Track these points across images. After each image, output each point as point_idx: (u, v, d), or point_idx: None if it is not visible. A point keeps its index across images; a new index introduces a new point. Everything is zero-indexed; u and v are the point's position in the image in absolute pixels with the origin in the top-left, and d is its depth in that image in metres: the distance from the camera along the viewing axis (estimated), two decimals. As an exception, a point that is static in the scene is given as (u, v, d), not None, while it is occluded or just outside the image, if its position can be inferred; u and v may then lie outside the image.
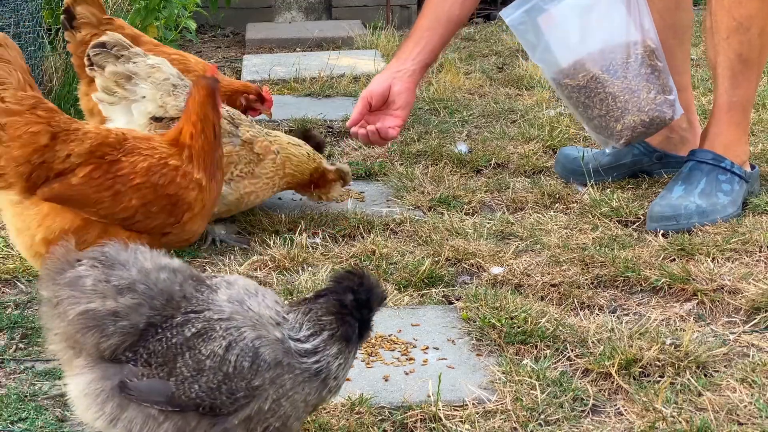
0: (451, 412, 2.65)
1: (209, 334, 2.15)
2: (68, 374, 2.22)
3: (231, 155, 3.61)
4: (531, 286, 3.36)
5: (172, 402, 2.14)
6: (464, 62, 6.51)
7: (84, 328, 2.14)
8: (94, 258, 2.21)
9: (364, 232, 3.82)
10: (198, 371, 2.14)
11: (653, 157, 4.25)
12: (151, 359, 2.15)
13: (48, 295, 2.20)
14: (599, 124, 3.92)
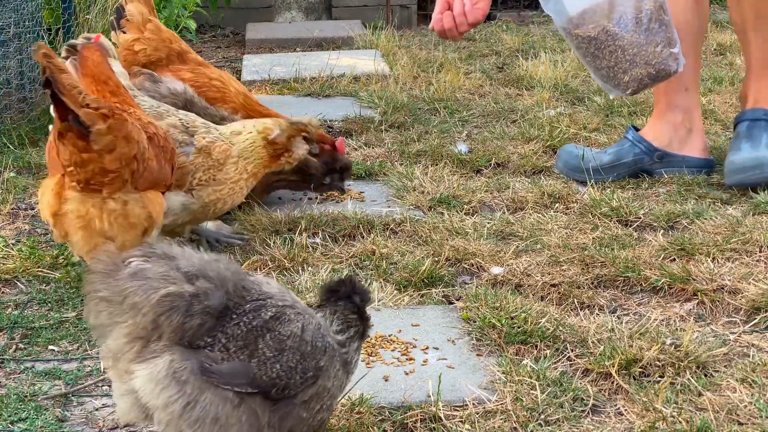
0: (451, 412, 2.65)
1: (284, 318, 2.30)
2: (138, 361, 2.21)
3: (186, 165, 3.51)
4: (531, 286, 3.36)
5: (254, 383, 2.23)
6: (464, 62, 6.51)
7: (169, 309, 2.19)
8: (144, 254, 2.27)
9: (364, 232, 3.82)
10: (279, 351, 2.26)
11: (654, 156, 4.31)
12: (229, 343, 2.23)
13: (109, 293, 2.22)
14: (607, 74, 3.95)
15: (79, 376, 2.90)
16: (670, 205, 3.99)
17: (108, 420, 2.69)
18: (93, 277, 2.26)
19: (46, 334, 3.14)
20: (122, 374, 2.24)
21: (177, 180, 3.46)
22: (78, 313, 3.27)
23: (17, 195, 4.19)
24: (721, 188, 4.18)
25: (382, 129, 5.04)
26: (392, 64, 6.37)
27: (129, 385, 2.22)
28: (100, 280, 2.24)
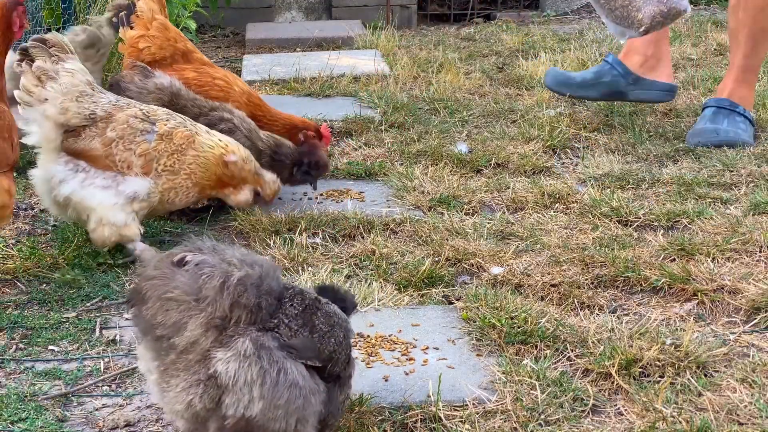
0: (451, 412, 2.65)
1: (321, 300, 2.44)
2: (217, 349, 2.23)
3: (148, 152, 3.52)
4: (531, 286, 3.36)
5: (319, 357, 2.34)
6: (464, 62, 6.51)
7: (245, 291, 2.26)
8: (194, 249, 2.33)
9: (364, 232, 3.82)
10: (331, 326, 2.38)
11: (629, 79, 4.91)
12: (291, 323, 2.33)
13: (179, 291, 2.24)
14: (621, 14, 4.33)
15: (79, 376, 2.90)
16: (670, 205, 3.99)
17: (108, 420, 2.69)
18: (152, 282, 2.28)
19: (46, 334, 3.14)
20: (190, 366, 2.26)
21: (143, 167, 3.52)
22: (78, 313, 3.27)
23: (17, 195, 4.18)
24: (721, 187, 4.18)
25: (382, 129, 5.04)
26: (392, 64, 6.37)
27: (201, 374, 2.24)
28: (162, 283, 2.26)
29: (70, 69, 3.50)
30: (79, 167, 3.52)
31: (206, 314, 2.23)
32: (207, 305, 2.23)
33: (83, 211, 3.52)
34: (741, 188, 4.17)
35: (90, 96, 3.53)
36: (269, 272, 2.34)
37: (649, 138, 4.80)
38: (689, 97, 5.43)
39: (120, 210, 3.51)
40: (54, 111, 3.47)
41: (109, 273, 3.55)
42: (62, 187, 3.51)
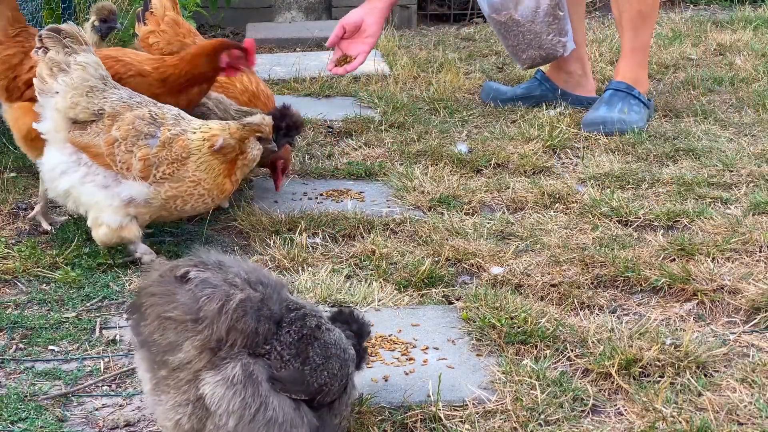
0: (451, 412, 2.65)
1: (324, 326, 2.38)
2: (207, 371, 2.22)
3: (148, 157, 3.46)
4: (531, 286, 3.36)
5: (307, 390, 2.30)
6: (464, 62, 6.50)
7: (245, 315, 2.22)
8: (197, 264, 2.29)
9: (364, 232, 3.82)
10: (326, 358, 2.33)
11: (556, 94, 5.42)
12: (284, 351, 2.28)
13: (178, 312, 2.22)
14: (512, 51, 5.39)
15: (79, 376, 2.90)
16: (670, 205, 3.99)
17: (108, 420, 2.69)
18: (153, 299, 2.26)
19: (46, 334, 3.14)
20: (181, 384, 2.24)
21: (141, 171, 3.46)
22: (78, 313, 3.27)
23: (17, 195, 4.19)
24: (721, 187, 4.19)
25: (382, 129, 5.04)
26: (392, 64, 6.37)
27: (189, 394, 2.23)
28: (163, 301, 2.24)
29: (82, 62, 3.48)
30: (81, 161, 3.50)
31: (202, 336, 2.21)
32: (204, 327, 2.20)
33: (81, 206, 3.54)
34: (741, 188, 4.17)
35: (101, 91, 3.50)
36: (272, 294, 2.30)
37: (649, 138, 4.80)
38: (689, 97, 5.43)
39: (115, 212, 3.49)
40: (64, 104, 3.47)
41: (109, 273, 3.55)
42: (63, 178, 3.51)
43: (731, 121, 5.03)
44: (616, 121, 4.89)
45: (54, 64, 3.47)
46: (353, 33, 4.84)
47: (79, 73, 3.47)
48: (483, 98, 5.53)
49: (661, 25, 6.98)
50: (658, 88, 5.62)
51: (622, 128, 4.88)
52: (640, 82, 5.09)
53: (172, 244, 3.78)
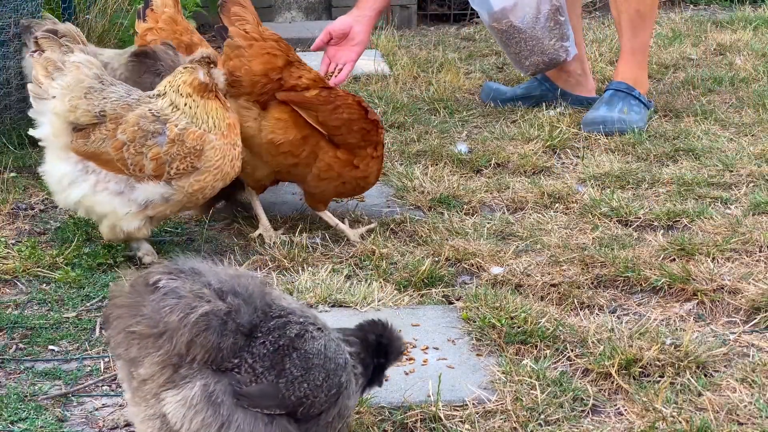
0: (451, 412, 2.65)
1: (308, 335, 2.27)
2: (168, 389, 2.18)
3: (160, 156, 3.42)
4: (531, 286, 3.36)
5: (282, 404, 2.21)
6: (464, 62, 6.50)
7: (206, 329, 2.15)
8: (169, 272, 2.23)
9: (364, 233, 3.82)
10: (306, 370, 2.23)
11: (556, 93, 5.45)
12: (256, 364, 2.20)
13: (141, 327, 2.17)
14: (514, 59, 5.37)
15: (79, 376, 2.90)
16: (670, 205, 3.99)
17: (108, 420, 2.69)
18: (120, 311, 2.22)
19: (46, 334, 3.14)
20: (148, 398, 2.21)
21: (154, 170, 3.41)
22: (78, 313, 3.27)
23: (17, 195, 4.18)
24: (721, 187, 4.18)
25: (382, 129, 5.03)
26: (392, 64, 6.37)
27: (156, 409, 2.20)
28: (128, 314, 2.20)
29: (76, 61, 3.40)
30: (89, 168, 3.43)
31: (163, 352, 2.15)
32: (164, 341, 2.15)
33: (95, 215, 3.49)
34: (741, 188, 4.17)
35: (99, 91, 3.41)
36: (243, 305, 2.20)
37: (649, 138, 4.80)
38: (689, 97, 5.43)
39: (133, 218, 3.46)
40: (63, 108, 3.38)
41: (109, 273, 3.55)
42: (73, 189, 3.44)
43: (731, 121, 5.03)
44: (616, 120, 4.91)
45: (49, 64, 3.39)
46: (340, 40, 4.81)
47: (74, 73, 3.38)
48: (483, 98, 5.55)
49: (661, 25, 6.98)
50: (658, 88, 5.62)
51: (622, 128, 4.89)
52: (640, 83, 5.12)
53: (172, 244, 3.78)
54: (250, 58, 3.65)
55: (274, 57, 3.68)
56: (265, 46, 3.68)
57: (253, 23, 3.69)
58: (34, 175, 4.45)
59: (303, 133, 3.71)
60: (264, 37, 3.69)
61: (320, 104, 3.73)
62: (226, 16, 3.67)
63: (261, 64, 3.66)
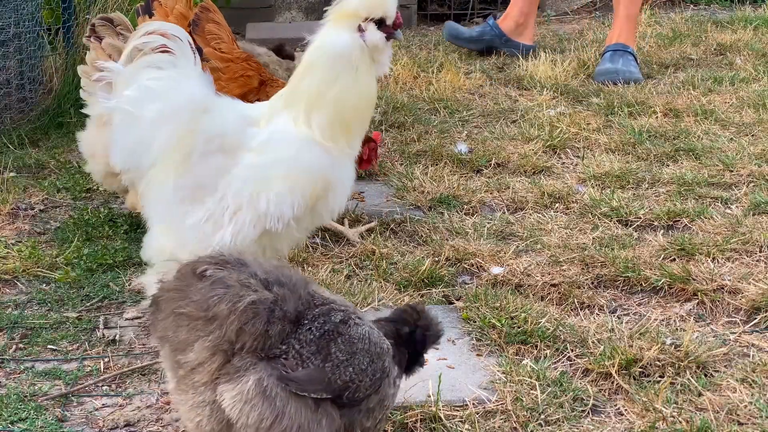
0: (451, 412, 2.65)
1: (352, 321, 2.33)
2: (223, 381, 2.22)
3: None
4: (531, 286, 3.36)
5: (328, 388, 2.26)
6: (464, 62, 6.50)
7: (254, 317, 2.21)
8: (218, 262, 2.28)
9: (364, 232, 3.82)
10: (351, 354, 2.29)
11: (502, 39, 6.39)
12: (303, 349, 2.25)
13: (191, 308, 2.22)
14: None
15: (79, 376, 2.90)
16: (670, 205, 3.99)
17: (108, 420, 2.69)
18: (169, 293, 2.27)
19: (46, 334, 3.14)
20: (198, 385, 2.24)
21: None
22: (78, 313, 3.27)
23: (17, 195, 4.18)
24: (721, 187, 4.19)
25: (382, 129, 5.04)
26: (392, 64, 6.36)
27: (206, 396, 2.23)
28: (178, 297, 2.24)
29: None
30: None
31: (213, 337, 2.21)
32: (215, 327, 2.20)
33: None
34: (741, 188, 4.17)
35: None
36: (288, 293, 2.27)
37: (649, 138, 4.80)
38: (689, 97, 5.43)
39: None
40: None
41: (109, 273, 3.55)
42: None
43: (731, 121, 5.03)
44: (621, 71, 5.72)
45: (114, 50, 3.54)
46: None
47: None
48: (445, 37, 6.52)
49: (661, 25, 6.98)
50: (658, 88, 5.62)
51: (627, 77, 5.68)
52: (632, 42, 5.99)
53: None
54: (228, 82, 3.61)
55: (249, 78, 3.65)
56: (238, 69, 3.64)
57: (228, 41, 3.66)
58: (34, 175, 4.46)
59: None
60: (235, 57, 3.64)
61: None
62: (200, 35, 3.59)
63: (238, 87, 3.61)
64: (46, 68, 5.27)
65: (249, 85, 3.62)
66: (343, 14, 2.94)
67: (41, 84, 5.17)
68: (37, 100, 5.06)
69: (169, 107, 2.83)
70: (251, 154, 2.88)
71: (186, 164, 2.86)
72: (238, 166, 2.87)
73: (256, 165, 2.87)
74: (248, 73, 3.64)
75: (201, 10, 3.63)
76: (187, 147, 2.84)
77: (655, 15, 7.20)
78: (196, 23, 3.59)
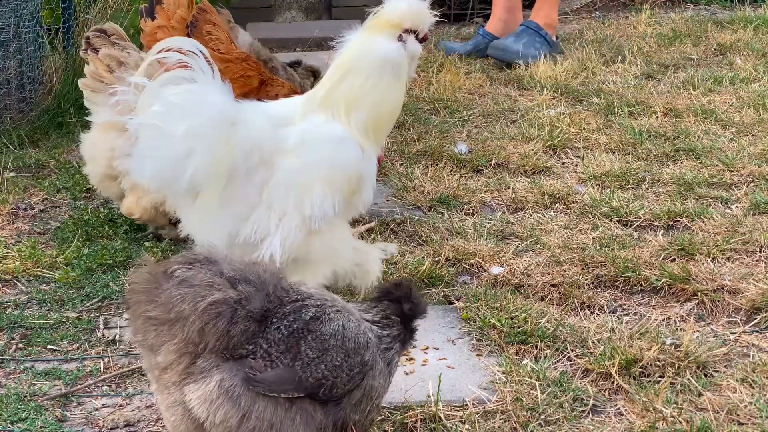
0: (451, 412, 2.65)
1: (325, 317, 2.30)
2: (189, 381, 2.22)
3: None
4: (531, 286, 3.36)
5: (299, 386, 2.24)
6: (464, 62, 6.50)
7: (216, 317, 2.19)
8: (187, 261, 2.28)
9: (364, 232, 3.82)
10: (323, 351, 2.27)
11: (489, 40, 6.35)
12: (271, 349, 2.24)
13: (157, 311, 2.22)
14: None
15: (79, 376, 2.90)
16: (670, 205, 3.99)
17: (108, 420, 2.69)
18: (138, 296, 2.26)
19: (46, 334, 3.14)
20: (169, 386, 2.25)
21: None
22: (78, 313, 3.27)
23: (17, 195, 4.18)
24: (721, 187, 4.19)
25: (382, 129, 5.03)
26: (392, 64, 6.36)
27: (177, 396, 2.24)
28: (145, 300, 2.24)
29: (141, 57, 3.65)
30: None
31: (177, 339, 2.20)
32: (178, 329, 2.20)
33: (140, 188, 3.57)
34: (741, 188, 4.17)
35: None
36: (254, 292, 2.25)
37: (649, 138, 4.80)
38: (689, 97, 5.43)
39: None
40: None
41: (109, 273, 3.55)
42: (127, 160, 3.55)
43: (731, 121, 5.03)
44: (513, 52, 6.03)
45: (111, 60, 3.61)
46: None
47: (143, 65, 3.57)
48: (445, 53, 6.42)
49: (661, 25, 6.98)
50: (658, 88, 5.62)
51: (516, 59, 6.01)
52: (550, 23, 6.21)
53: (171, 243, 3.78)
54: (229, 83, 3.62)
55: (249, 78, 3.65)
56: (237, 69, 3.63)
57: (226, 41, 3.66)
58: (34, 175, 4.46)
59: None
60: (234, 57, 3.64)
61: None
62: (198, 37, 3.59)
63: (239, 87, 3.59)
64: (46, 68, 5.27)
65: (249, 85, 3.62)
66: (386, 23, 3.07)
67: (41, 84, 5.17)
68: (37, 100, 5.06)
69: (197, 123, 2.85)
70: (289, 158, 2.94)
71: (233, 183, 2.90)
72: (279, 172, 2.92)
73: (296, 169, 2.93)
74: (248, 73, 3.63)
75: (198, 11, 3.64)
76: (227, 164, 2.88)
77: (655, 15, 7.20)
78: (193, 25, 3.61)
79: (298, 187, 2.92)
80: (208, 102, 2.89)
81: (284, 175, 2.92)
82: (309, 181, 2.93)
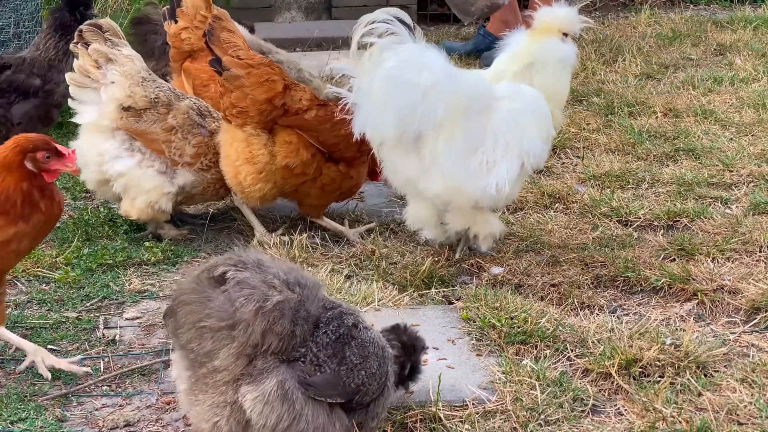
0: (451, 412, 2.65)
1: (361, 325, 2.36)
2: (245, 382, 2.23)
3: (200, 146, 3.76)
4: (531, 286, 3.36)
5: (343, 392, 2.28)
6: (464, 61, 6.50)
7: (280, 317, 2.21)
8: (234, 264, 2.28)
9: (364, 232, 3.82)
10: (364, 357, 2.31)
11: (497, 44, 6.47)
12: (320, 352, 2.27)
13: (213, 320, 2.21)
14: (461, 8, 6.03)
15: (79, 376, 2.90)
16: (670, 204, 3.99)
17: (108, 420, 2.69)
18: (189, 308, 2.25)
19: (46, 334, 3.13)
20: (219, 385, 2.25)
21: (192, 157, 3.73)
22: (78, 313, 3.27)
23: (17, 195, 4.18)
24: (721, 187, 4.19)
25: (382, 129, 5.03)
26: (392, 64, 6.35)
27: (227, 396, 2.24)
28: (198, 309, 2.23)
29: (129, 55, 3.71)
30: (134, 147, 3.70)
31: (238, 343, 2.20)
32: (240, 331, 2.20)
33: (133, 189, 3.68)
34: (741, 188, 4.17)
35: (152, 81, 3.75)
36: (309, 295, 2.28)
37: (649, 138, 4.80)
38: (689, 97, 5.43)
39: (170, 199, 3.71)
40: (122, 94, 3.66)
41: (109, 273, 3.55)
42: (116, 163, 3.68)
43: (731, 121, 5.03)
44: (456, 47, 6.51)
45: (100, 56, 3.65)
46: None
47: (130, 64, 3.68)
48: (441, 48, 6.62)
49: (661, 25, 6.98)
50: (658, 88, 5.62)
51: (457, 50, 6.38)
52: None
53: (171, 243, 3.78)
54: (252, 88, 3.60)
55: (274, 83, 3.63)
56: (262, 74, 3.61)
57: (244, 47, 3.67)
58: (34, 175, 4.45)
59: (311, 151, 3.70)
60: (257, 63, 3.63)
61: (319, 124, 3.67)
62: (217, 45, 3.62)
63: (264, 92, 3.60)
64: (46, 68, 5.26)
65: (274, 90, 3.62)
66: (551, 28, 3.66)
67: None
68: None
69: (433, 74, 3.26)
70: (506, 101, 3.42)
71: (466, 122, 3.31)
72: (500, 112, 3.38)
73: (514, 110, 3.41)
74: (273, 78, 3.63)
75: (214, 19, 3.67)
76: (459, 106, 3.30)
77: (655, 15, 7.19)
78: (211, 33, 3.64)
79: (516, 125, 3.38)
80: (434, 57, 3.32)
81: (506, 114, 3.38)
82: (525, 121, 3.41)
